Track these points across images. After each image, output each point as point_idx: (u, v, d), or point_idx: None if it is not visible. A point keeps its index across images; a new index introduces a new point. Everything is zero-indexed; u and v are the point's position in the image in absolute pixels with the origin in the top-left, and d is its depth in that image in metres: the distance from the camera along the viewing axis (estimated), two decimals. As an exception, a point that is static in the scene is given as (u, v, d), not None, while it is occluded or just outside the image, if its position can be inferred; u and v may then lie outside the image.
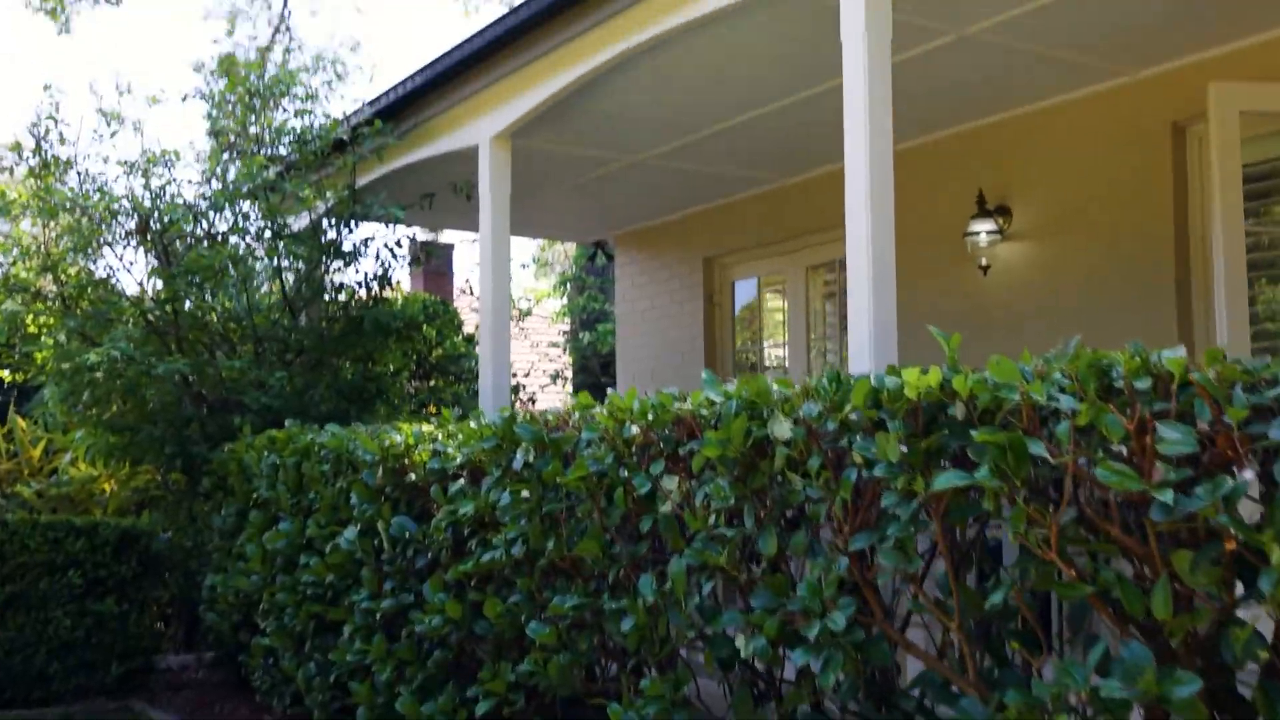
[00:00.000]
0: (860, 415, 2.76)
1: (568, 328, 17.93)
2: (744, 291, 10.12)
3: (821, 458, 2.89)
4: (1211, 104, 5.26)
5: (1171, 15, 5.78)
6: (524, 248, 24.06)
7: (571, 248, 18.63)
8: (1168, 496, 2.10)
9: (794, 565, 3.21)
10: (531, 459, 4.09)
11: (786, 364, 9.52)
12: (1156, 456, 2.15)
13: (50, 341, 7.52)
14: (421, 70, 7.30)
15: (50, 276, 7.43)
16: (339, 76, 7.27)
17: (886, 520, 2.70)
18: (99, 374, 6.98)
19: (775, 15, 5.69)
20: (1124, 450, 2.21)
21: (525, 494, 4.09)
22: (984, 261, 7.36)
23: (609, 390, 3.98)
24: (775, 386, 3.13)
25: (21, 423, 9.05)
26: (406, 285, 15.65)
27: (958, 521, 2.70)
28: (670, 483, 3.43)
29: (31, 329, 7.60)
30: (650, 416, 3.57)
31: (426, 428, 5.16)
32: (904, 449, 2.57)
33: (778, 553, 3.08)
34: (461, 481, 4.60)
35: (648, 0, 5.69)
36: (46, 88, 7.29)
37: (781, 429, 2.95)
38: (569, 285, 17.34)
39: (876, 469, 2.63)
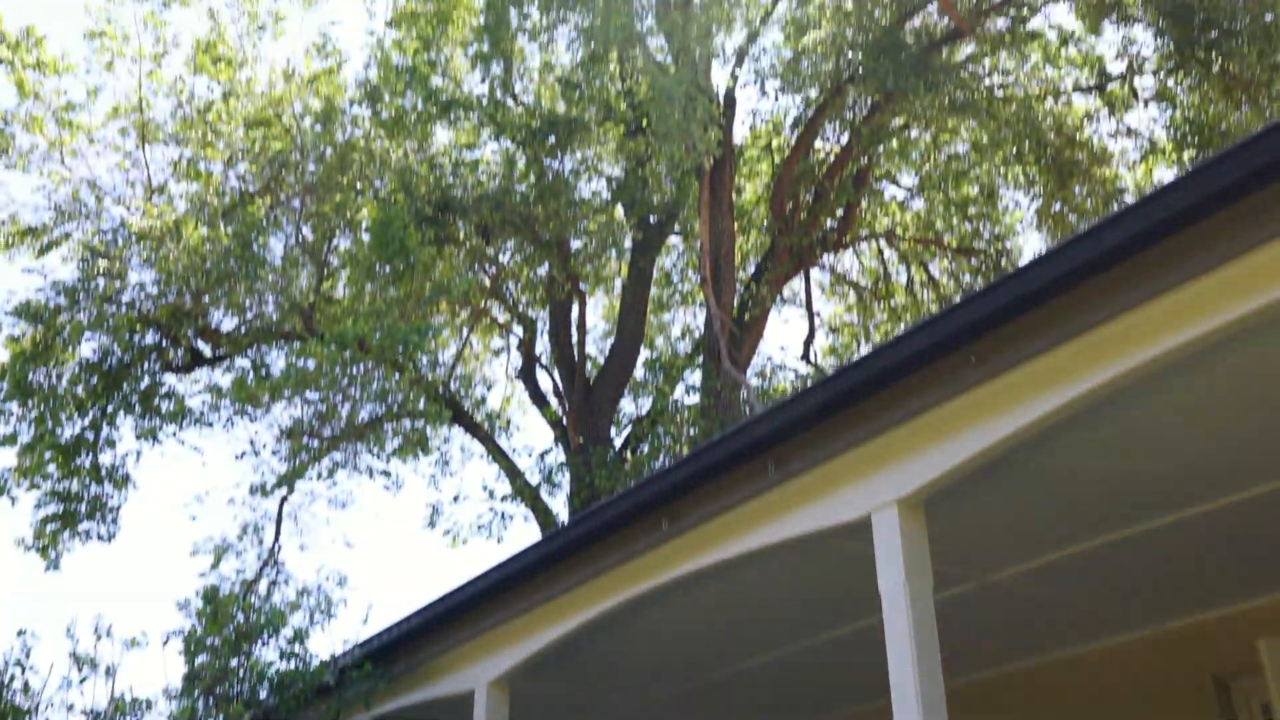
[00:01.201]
0: None
1: None
2: None
3: None
4: (1266, 662, 5.00)
5: (1202, 571, 5.68)
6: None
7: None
8: None
9: None
10: None
11: None
12: None
13: None
14: (419, 612, 7.10)
15: None
16: (327, 615, 7.03)
17: None
18: None
19: (796, 561, 5.58)
20: None
21: None
22: (1028, 824, 6.70)
23: None
24: None
25: None
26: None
27: None
28: None
29: None
30: None
31: None
32: None
33: None
34: None
35: (652, 552, 5.64)
36: (20, 633, 6.95)
37: None
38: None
39: None
